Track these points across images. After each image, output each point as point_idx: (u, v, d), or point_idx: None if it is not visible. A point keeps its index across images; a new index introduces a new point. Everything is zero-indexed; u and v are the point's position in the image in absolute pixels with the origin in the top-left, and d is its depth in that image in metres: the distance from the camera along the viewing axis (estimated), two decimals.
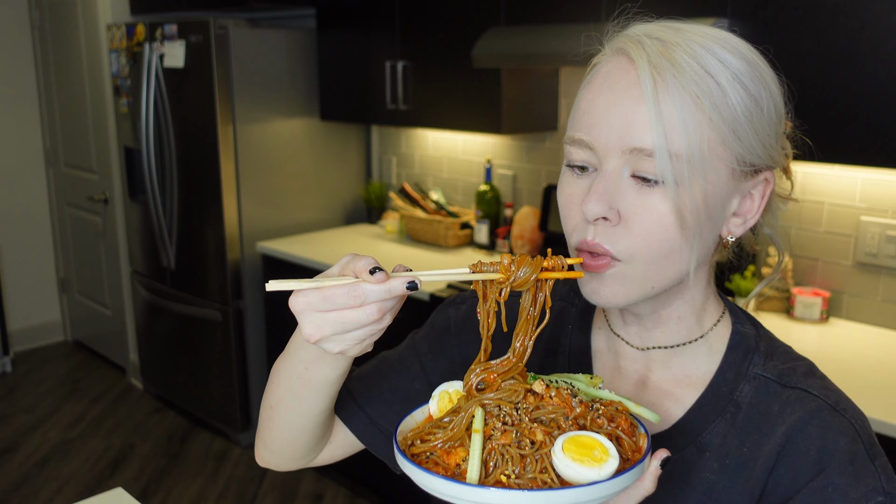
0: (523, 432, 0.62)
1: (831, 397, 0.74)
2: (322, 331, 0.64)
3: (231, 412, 3.47)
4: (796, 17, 1.95)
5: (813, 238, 2.34)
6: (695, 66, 0.67)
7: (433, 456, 0.64)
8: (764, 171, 0.73)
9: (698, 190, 0.67)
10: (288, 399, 0.80)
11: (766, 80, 0.71)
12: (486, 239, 3.10)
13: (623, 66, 0.69)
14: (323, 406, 0.80)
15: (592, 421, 0.64)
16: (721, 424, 0.76)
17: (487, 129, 2.79)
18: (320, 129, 3.52)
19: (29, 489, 3.18)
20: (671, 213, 0.67)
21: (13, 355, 4.52)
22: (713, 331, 0.79)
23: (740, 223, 0.74)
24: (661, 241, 0.68)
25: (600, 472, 0.59)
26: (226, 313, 3.35)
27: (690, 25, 0.71)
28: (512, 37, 2.50)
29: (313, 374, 0.75)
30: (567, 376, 0.71)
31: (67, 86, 4.26)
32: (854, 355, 2.04)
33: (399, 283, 0.64)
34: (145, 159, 3.51)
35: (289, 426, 0.83)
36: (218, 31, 3.09)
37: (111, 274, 4.22)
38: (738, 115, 0.68)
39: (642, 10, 0.76)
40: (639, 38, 0.69)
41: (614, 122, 0.68)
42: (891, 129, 1.84)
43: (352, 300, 0.63)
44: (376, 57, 3.08)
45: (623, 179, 0.69)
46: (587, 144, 0.70)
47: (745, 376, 0.77)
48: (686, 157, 0.66)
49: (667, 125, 0.66)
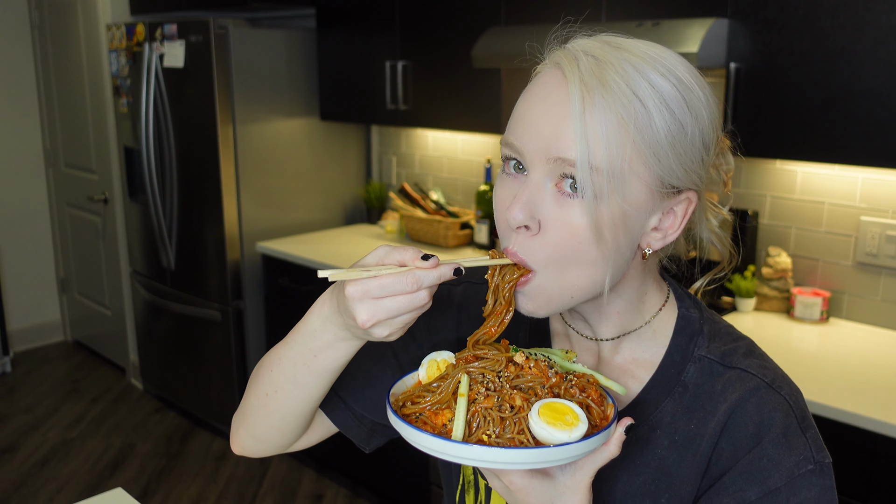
0: (504, 398, 0.69)
1: (768, 375, 0.79)
2: (377, 316, 0.69)
3: (231, 412, 3.46)
4: (796, 17, 1.95)
5: (813, 238, 2.34)
6: (623, 88, 0.69)
7: (422, 416, 0.70)
8: (686, 191, 0.75)
9: (616, 205, 0.70)
10: (288, 386, 0.82)
11: (696, 106, 0.73)
12: (486, 239, 3.10)
13: (557, 81, 0.72)
14: (321, 392, 0.83)
15: (566, 390, 0.71)
16: (670, 404, 0.81)
17: (487, 129, 2.79)
18: (320, 129, 3.52)
19: (29, 489, 3.18)
20: (588, 226, 0.70)
21: (13, 355, 4.52)
22: (657, 318, 0.84)
23: (660, 237, 0.77)
24: (575, 252, 0.71)
25: (570, 434, 0.65)
26: (225, 313, 3.35)
27: (632, 43, 0.73)
28: (512, 37, 2.50)
29: (321, 361, 0.79)
30: (545, 350, 0.77)
31: (67, 86, 4.26)
32: (854, 355, 2.04)
33: (447, 269, 0.70)
34: (145, 159, 3.51)
35: (284, 414, 0.85)
36: (218, 31, 3.09)
37: (111, 274, 4.22)
38: (660, 138, 0.70)
39: (585, 24, 0.79)
40: (575, 54, 0.72)
41: (543, 132, 0.71)
42: (891, 129, 1.84)
43: (408, 286, 0.69)
44: (376, 57, 3.08)
45: (546, 189, 0.72)
46: (517, 149, 0.74)
47: (691, 358, 0.82)
48: (606, 172, 0.69)
49: (590, 140, 0.68)
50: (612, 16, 2.30)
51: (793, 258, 2.38)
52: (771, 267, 2.35)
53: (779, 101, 2.00)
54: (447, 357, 0.77)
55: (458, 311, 0.96)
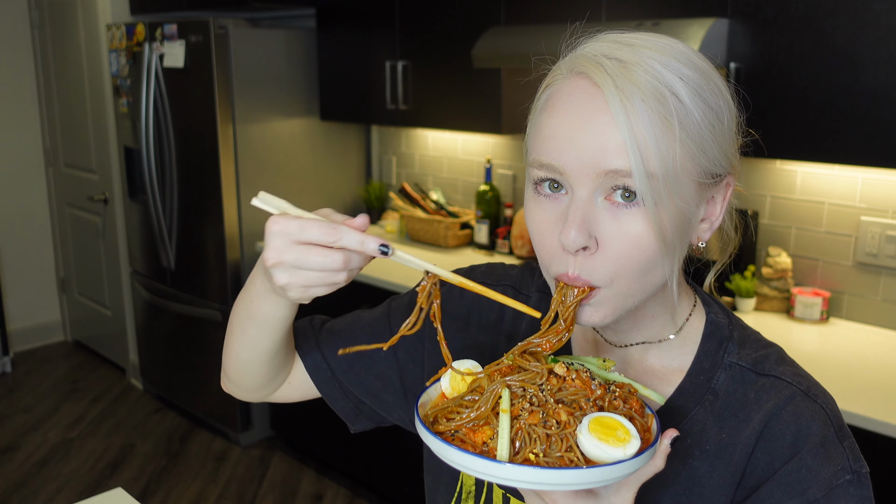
0: (549, 412, 0.65)
1: (803, 383, 0.77)
2: (281, 256, 0.66)
3: (231, 412, 3.47)
4: (796, 17, 1.95)
5: (813, 238, 2.34)
6: (658, 86, 0.67)
7: (458, 434, 0.66)
8: (726, 176, 0.74)
9: (674, 207, 0.68)
10: (237, 331, 0.84)
11: (721, 88, 0.71)
12: (486, 239, 3.10)
13: (586, 90, 0.68)
14: (268, 343, 0.82)
15: (610, 402, 0.68)
16: (700, 412, 0.78)
17: (487, 129, 2.79)
18: (320, 128, 3.52)
19: (29, 489, 3.17)
20: (650, 232, 0.68)
21: (13, 355, 4.52)
22: (687, 323, 0.82)
23: (707, 227, 0.76)
24: (640, 262, 0.69)
25: (625, 451, 0.62)
26: (226, 313, 3.34)
27: (640, 38, 0.71)
28: (512, 37, 2.50)
29: (257, 310, 0.78)
30: (579, 359, 0.74)
31: (67, 86, 4.26)
32: (854, 355, 2.04)
33: (374, 242, 0.66)
34: (145, 159, 3.51)
35: (239, 357, 0.86)
36: (218, 31, 3.09)
37: (111, 274, 4.22)
38: (703, 130, 0.69)
39: (588, 24, 0.77)
40: (597, 59, 0.69)
41: (586, 146, 0.67)
42: (891, 129, 1.84)
43: (326, 236, 0.65)
44: (376, 57, 3.08)
45: (597, 204, 0.69)
46: (557, 169, 0.69)
47: (721, 365, 0.80)
48: (661, 177, 0.66)
49: (641, 147, 0.66)
50: (612, 16, 2.30)
51: (793, 258, 2.38)
52: (771, 267, 2.35)
53: (779, 101, 2.00)
54: (471, 366, 0.74)
55: (468, 314, 0.94)
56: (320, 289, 0.69)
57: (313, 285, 0.68)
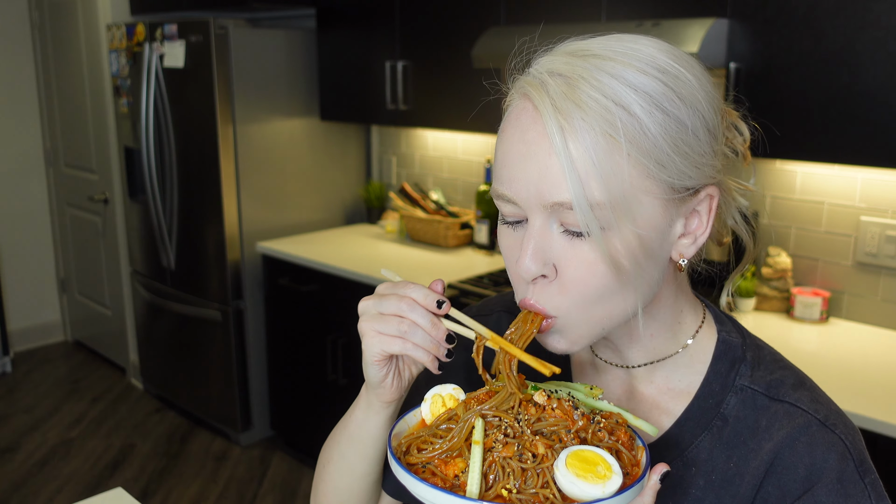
0: (525, 445, 0.61)
1: (821, 412, 0.72)
2: (366, 309, 0.73)
3: (231, 412, 3.47)
4: (796, 17, 1.95)
5: (813, 238, 2.34)
6: (603, 102, 0.62)
7: (430, 465, 0.63)
8: (704, 188, 0.68)
9: (628, 233, 0.64)
10: (336, 457, 0.85)
11: (691, 93, 0.66)
12: (486, 239, 3.10)
13: (530, 114, 0.66)
14: (364, 467, 0.83)
15: (594, 434, 0.63)
16: (707, 439, 0.74)
17: (487, 129, 2.79)
18: (320, 129, 3.52)
19: (29, 489, 3.18)
20: (603, 262, 0.64)
21: (13, 355, 4.52)
22: (693, 341, 0.77)
23: (690, 243, 0.70)
24: (596, 289, 0.66)
25: (604, 489, 0.58)
26: (226, 313, 3.35)
27: (599, 44, 0.66)
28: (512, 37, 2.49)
29: (359, 429, 0.81)
30: (566, 385, 0.70)
31: (67, 86, 4.26)
32: (854, 355, 2.04)
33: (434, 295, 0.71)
34: (145, 159, 3.51)
35: (337, 487, 0.86)
36: (218, 31, 3.09)
37: (111, 274, 4.22)
38: (659, 143, 0.63)
39: (575, 22, 0.74)
40: (541, 78, 0.65)
41: (530, 177, 0.65)
42: (891, 129, 1.84)
43: (391, 288, 0.72)
44: (376, 57, 3.08)
45: (552, 233, 0.66)
46: (510, 199, 0.68)
47: (732, 388, 0.75)
48: (609, 204, 0.62)
49: (582, 175, 0.62)
50: (612, 16, 2.30)
51: (793, 258, 2.38)
52: (771, 267, 2.35)
53: (779, 101, 2.00)
54: (452, 391, 0.71)
55: None
56: (393, 341, 0.71)
57: (387, 334, 0.71)
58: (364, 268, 2.88)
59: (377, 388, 0.76)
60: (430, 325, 0.70)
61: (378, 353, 0.72)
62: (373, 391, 0.77)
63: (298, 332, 3.23)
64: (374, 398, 0.78)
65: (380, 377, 0.75)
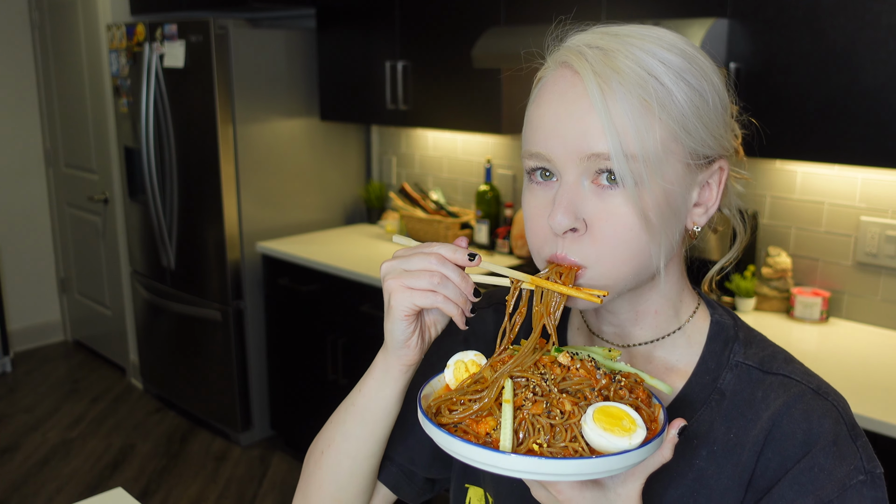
0: (553, 402, 0.65)
1: (813, 382, 0.77)
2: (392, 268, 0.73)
3: (231, 412, 3.47)
4: (796, 17, 1.95)
5: (813, 238, 2.34)
6: (638, 71, 0.69)
7: (462, 425, 0.66)
8: (717, 160, 0.75)
9: (658, 188, 0.70)
10: (339, 439, 0.83)
11: (707, 72, 0.73)
12: (486, 239, 3.10)
13: (568, 79, 0.71)
14: (370, 447, 0.83)
15: (616, 392, 0.67)
16: (707, 412, 0.78)
17: (487, 129, 2.79)
18: (320, 129, 3.52)
19: (29, 489, 3.18)
20: (634, 213, 0.69)
21: (13, 355, 4.52)
22: (690, 322, 0.82)
23: (702, 212, 0.76)
24: (627, 243, 0.70)
25: (630, 441, 0.61)
26: (226, 313, 3.35)
27: (627, 29, 0.73)
28: (512, 37, 2.50)
29: (371, 402, 0.80)
30: (584, 348, 0.74)
31: (67, 86, 4.26)
32: (854, 355, 2.04)
33: (463, 250, 0.72)
34: (145, 159, 3.51)
35: (337, 472, 0.84)
36: (218, 31, 3.09)
37: (111, 274, 4.22)
38: (685, 111, 0.70)
39: (577, 21, 0.78)
40: (580, 49, 0.71)
41: (569, 132, 0.70)
42: (891, 129, 1.84)
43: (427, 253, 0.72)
44: (376, 57, 3.08)
45: (584, 188, 0.71)
46: (545, 157, 0.72)
47: (727, 364, 0.79)
48: (642, 158, 0.68)
49: (619, 129, 0.68)
50: (612, 16, 2.30)
51: (793, 258, 2.38)
52: (771, 267, 2.35)
53: (779, 101, 2.01)
54: (474, 357, 0.74)
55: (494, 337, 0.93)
56: (424, 295, 0.72)
57: (418, 288, 0.72)
58: (364, 268, 2.88)
59: (400, 349, 0.76)
60: (460, 278, 0.72)
61: (408, 307, 0.73)
62: (394, 353, 0.77)
63: (298, 332, 3.23)
64: (393, 362, 0.77)
65: (406, 335, 0.75)
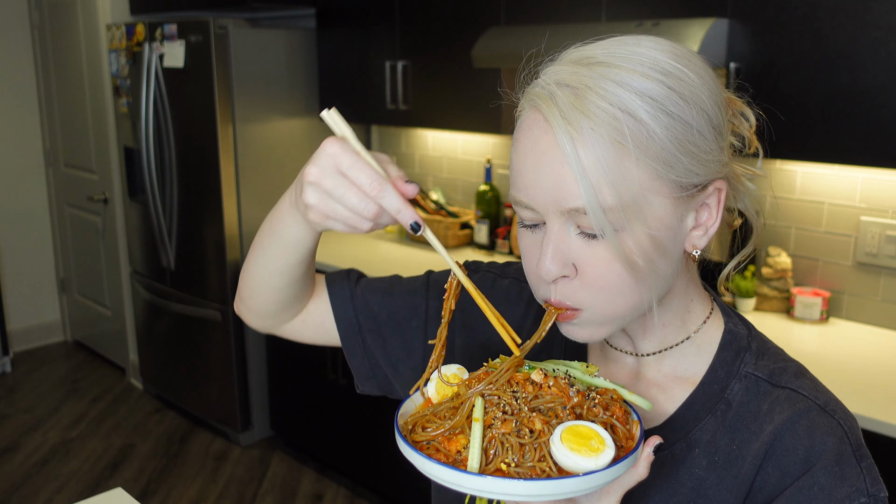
0: (522, 421, 0.65)
1: (821, 398, 0.75)
2: (322, 178, 0.69)
3: (231, 412, 3.47)
4: (796, 17, 1.95)
5: (813, 238, 2.34)
6: (610, 110, 0.64)
7: (434, 443, 0.66)
8: (712, 182, 0.71)
9: (641, 233, 0.67)
10: (257, 247, 0.86)
11: (693, 93, 0.68)
12: (486, 239, 3.10)
13: (540, 125, 0.68)
14: (283, 265, 0.84)
15: (589, 410, 0.67)
16: (711, 422, 0.77)
17: (487, 129, 2.79)
18: (320, 129, 3.52)
19: (29, 489, 3.18)
20: (618, 261, 0.68)
21: (13, 355, 4.52)
22: (701, 330, 0.80)
23: (701, 234, 0.73)
24: (614, 286, 0.69)
25: (597, 461, 0.61)
26: (226, 313, 3.35)
27: (603, 48, 0.69)
28: (512, 37, 2.50)
29: (279, 225, 0.80)
30: (563, 363, 0.73)
31: (67, 86, 4.26)
32: (854, 355, 2.04)
33: (410, 214, 0.68)
34: (145, 159, 3.51)
35: (254, 275, 0.88)
36: (218, 31, 3.09)
37: (111, 274, 4.22)
38: (666, 145, 0.66)
39: (577, 21, 0.76)
40: (549, 89, 0.67)
41: (546, 185, 0.68)
42: (891, 129, 1.84)
43: (370, 188, 0.68)
44: (376, 57, 3.08)
45: (569, 234, 0.69)
46: (528, 206, 0.71)
47: (737, 375, 0.78)
48: (620, 207, 0.66)
49: (594, 181, 0.65)
50: (612, 16, 2.30)
51: (793, 258, 2.38)
52: (771, 267, 2.35)
53: (779, 101, 2.00)
54: (456, 371, 0.74)
55: (504, 306, 0.93)
56: (339, 225, 0.71)
57: (335, 219, 0.70)
58: (364, 267, 2.88)
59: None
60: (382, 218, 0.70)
61: (320, 226, 0.73)
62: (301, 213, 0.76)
63: None
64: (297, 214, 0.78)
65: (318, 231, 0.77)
